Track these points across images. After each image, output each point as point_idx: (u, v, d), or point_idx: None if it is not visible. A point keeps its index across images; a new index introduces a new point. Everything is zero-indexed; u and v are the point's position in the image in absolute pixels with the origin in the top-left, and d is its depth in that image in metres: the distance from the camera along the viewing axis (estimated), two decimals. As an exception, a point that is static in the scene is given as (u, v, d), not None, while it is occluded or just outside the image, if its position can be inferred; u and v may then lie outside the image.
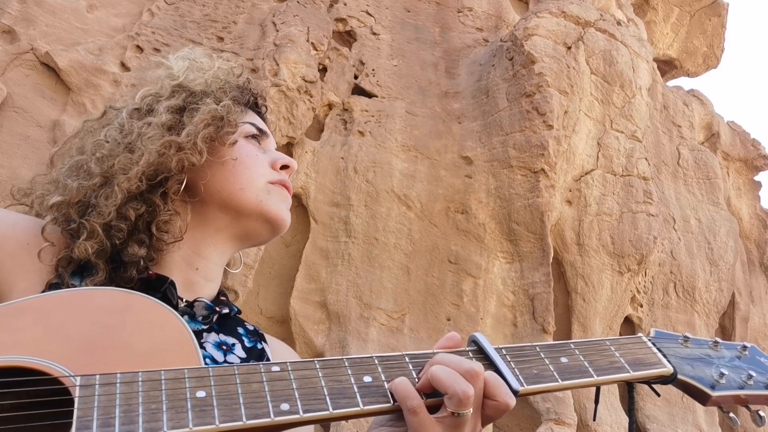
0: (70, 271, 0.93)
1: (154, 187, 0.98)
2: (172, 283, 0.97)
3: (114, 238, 0.93)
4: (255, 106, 1.18)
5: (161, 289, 0.95)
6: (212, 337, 1.00)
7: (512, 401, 0.74)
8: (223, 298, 1.09)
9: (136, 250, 0.94)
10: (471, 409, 0.70)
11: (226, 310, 1.04)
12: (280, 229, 1.06)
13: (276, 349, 1.12)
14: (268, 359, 1.05)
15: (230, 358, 1.00)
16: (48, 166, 1.08)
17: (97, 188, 0.97)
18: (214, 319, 1.02)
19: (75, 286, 0.91)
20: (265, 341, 1.10)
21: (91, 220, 0.93)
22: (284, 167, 1.09)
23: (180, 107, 1.04)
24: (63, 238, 0.96)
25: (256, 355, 1.05)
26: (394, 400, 0.72)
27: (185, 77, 1.08)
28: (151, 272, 0.96)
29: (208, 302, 1.02)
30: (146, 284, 0.94)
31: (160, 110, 1.02)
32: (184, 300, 1.00)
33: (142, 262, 0.94)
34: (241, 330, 1.08)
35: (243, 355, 1.03)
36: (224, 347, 1.01)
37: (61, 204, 0.97)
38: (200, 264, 1.03)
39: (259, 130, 1.12)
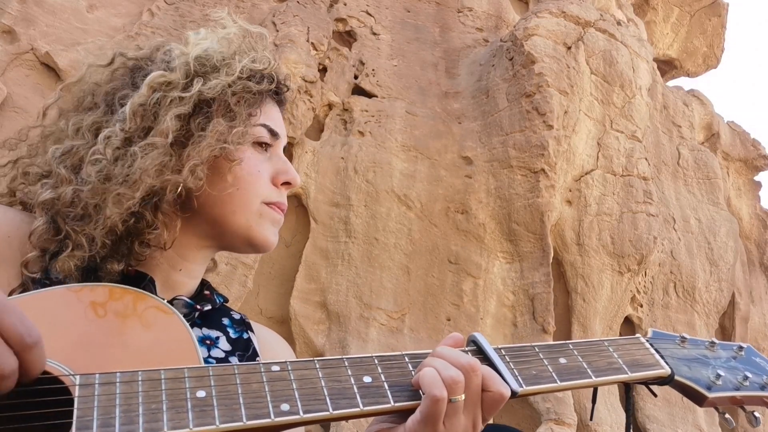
0: (37, 276, 0.87)
1: (146, 200, 0.93)
2: (152, 281, 0.94)
3: (96, 254, 0.88)
4: (276, 93, 1.09)
5: (140, 286, 0.91)
6: (195, 333, 0.96)
7: (506, 391, 0.75)
8: (206, 292, 1.07)
9: (115, 267, 0.90)
10: (463, 396, 0.72)
11: (208, 307, 1.03)
12: (264, 251, 1.04)
13: (263, 337, 1.10)
14: (254, 349, 1.04)
15: (214, 352, 0.99)
16: (40, 117, 1.00)
17: (91, 198, 0.91)
18: (195, 316, 1.00)
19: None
20: (252, 330, 1.09)
21: (81, 231, 0.88)
22: (286, 183, 1.04)
23: (188, 114, 0.97)
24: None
25: (242, 346, 1.03)
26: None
27: (200, 68, 1.00)
28: (131, 268, 0.93)
29: (188, 300, 1.00)
30: (125, 280, 0.91)
31: (167, 120, 0.94)
32: (163, 299, 0.97)
33: (117, 276, 0.90)
34: (226, 321, 1.06)
35: (228, 347, 1.01)
36: (207, 342, 1.00)
37: (53, 203, 0.91)
38: (183, 266, 1.01)
39: (272, 132, 1.05)
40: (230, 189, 0.98)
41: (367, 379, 0.73)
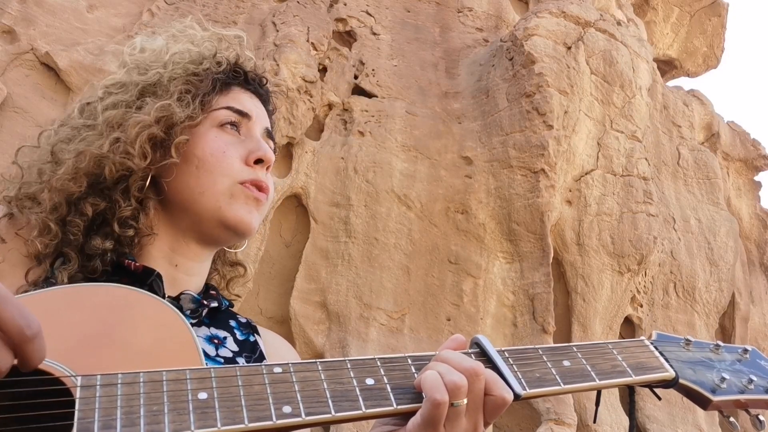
0: (50, 261, 0.91)
1: (117, 183, 0.95)
2: (159, 276, 0.94)
3: (69, 234, 0.91)
4: (246, 82, 1.11)
5: (147, 281, 0.93)
6: (203, 331, 0.99)
7: (509, 395, 0.75)
8: (212, 292, 1.07)
9: (99, 243, 0.91)
10: (465, 400, 0.72)
11: (214, 304, 1.03)
12: (244, 235, 1.01)
13: (269, 341, 1.10)
14: (261, 352, 1.04)
15: (222, 351, 0.99)
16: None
17: (29, 187, 0.96)
18: (204, 313, 1.00)
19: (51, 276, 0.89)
20: (258, 333, 1.09)
21: (41, 216, 0.91)
22: (258, 161, 1.02)
23: (130, 102, 1.00)
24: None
25: (249, 347, 1.04)
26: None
27: (139, 60, 1.05)
28: (137, 264, 0.94)
29: (195, 295, 1.01)
30: (132, 277, 0.92)
31: (100, 107, 0.99)
32: (167, 296, 0.98)
33: (109, 255, 0.92)
34: (233, 323, 1.07)
35: (235, 348, 1.01)
36: (216, 341, 1.00)
37: (16, 196, 0.96)
38: (178, 261, 1.02)
39: (239, 112, 1.05)
40: (195, 171, 0.98)
41: (369, 381, 0.72)
